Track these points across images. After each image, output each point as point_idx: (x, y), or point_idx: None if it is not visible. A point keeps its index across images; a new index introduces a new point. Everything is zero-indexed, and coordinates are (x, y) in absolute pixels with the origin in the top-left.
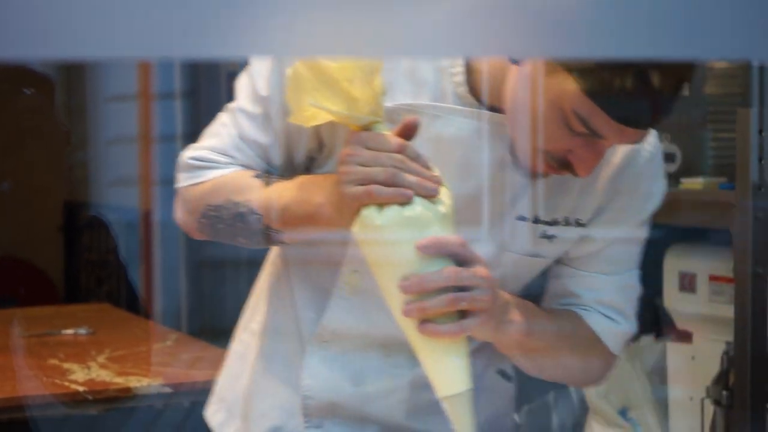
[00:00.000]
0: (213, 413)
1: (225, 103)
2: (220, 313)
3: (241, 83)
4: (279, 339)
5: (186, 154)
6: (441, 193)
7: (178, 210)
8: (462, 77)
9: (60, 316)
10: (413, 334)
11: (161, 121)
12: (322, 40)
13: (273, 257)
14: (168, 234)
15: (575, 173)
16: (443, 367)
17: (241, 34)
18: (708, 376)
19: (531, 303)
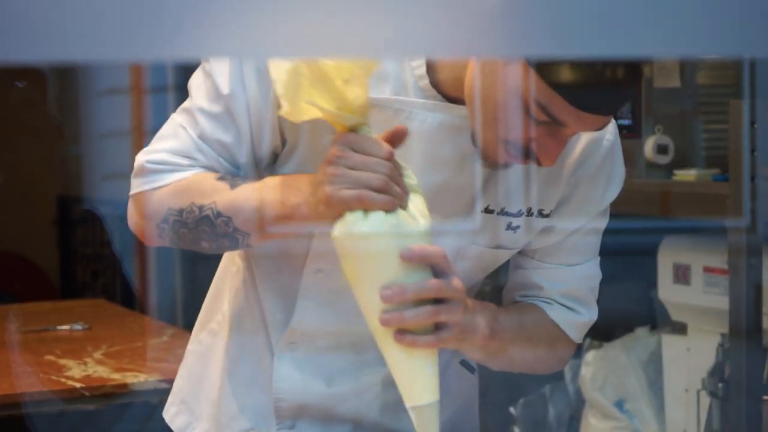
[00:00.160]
0: (174, 415)
1: None
2: None
3: (197, 82)
4: (246, 341)
5: (142, 157)
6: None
7: (133, 216)
8: (423, 70)
9: (55, 311)
10: (386, 342)
11: (154, 115)
12: (304, 39)
13: (231, 257)
14: None
15: (539, 163)
16: (414, 377)
17: (225, 34)
18: (703, 367)
19: (493, 305)
